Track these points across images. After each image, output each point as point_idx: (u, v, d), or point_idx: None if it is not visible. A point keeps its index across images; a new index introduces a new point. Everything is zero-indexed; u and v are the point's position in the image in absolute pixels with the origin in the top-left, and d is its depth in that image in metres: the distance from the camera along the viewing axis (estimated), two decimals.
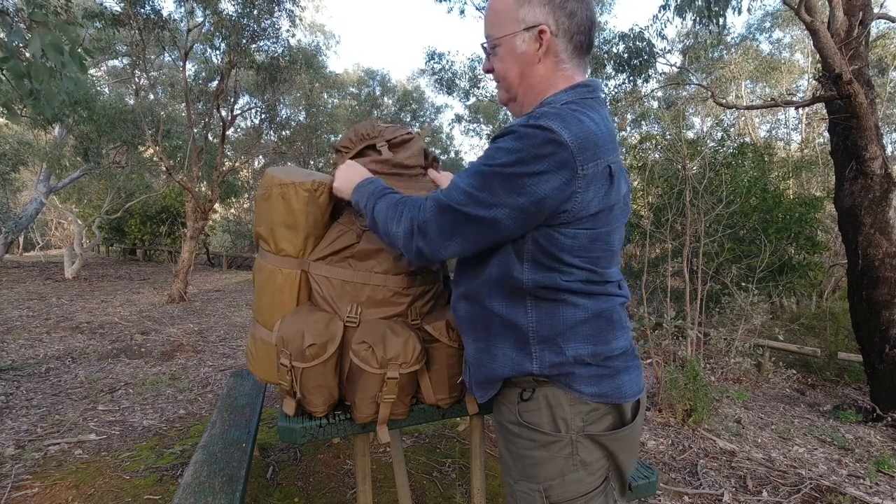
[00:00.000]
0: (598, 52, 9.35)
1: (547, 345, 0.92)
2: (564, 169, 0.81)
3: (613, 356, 0.93)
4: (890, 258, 3.97)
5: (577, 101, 0.90)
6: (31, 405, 3.30)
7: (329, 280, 1.22)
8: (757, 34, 14.77)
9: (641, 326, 4.04)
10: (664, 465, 2.77)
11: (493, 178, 0.84)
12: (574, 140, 0.81)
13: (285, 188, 1.18)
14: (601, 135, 0.84)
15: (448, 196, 0.89)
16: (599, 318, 0.92)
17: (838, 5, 4.13)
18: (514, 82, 0.97)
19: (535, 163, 0.81)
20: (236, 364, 4.50)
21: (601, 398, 0.91)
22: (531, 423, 0.94)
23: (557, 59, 0.94)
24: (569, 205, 0.84)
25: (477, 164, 0.88)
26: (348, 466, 2.47)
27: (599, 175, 0.85)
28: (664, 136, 7.98)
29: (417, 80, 19.65)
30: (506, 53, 0.96)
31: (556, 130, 0.81)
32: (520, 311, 0.93)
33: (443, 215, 0.89)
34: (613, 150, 0.87)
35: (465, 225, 0.88)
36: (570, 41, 0.93)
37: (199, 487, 1.47)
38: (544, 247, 0.88)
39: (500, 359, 0.96)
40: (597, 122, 0.86)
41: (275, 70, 8.65)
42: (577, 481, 0.92)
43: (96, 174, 11.16)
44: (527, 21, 0.92)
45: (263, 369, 1.27)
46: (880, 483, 2.71)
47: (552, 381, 0.93)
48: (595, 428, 0.92)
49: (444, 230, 0.90)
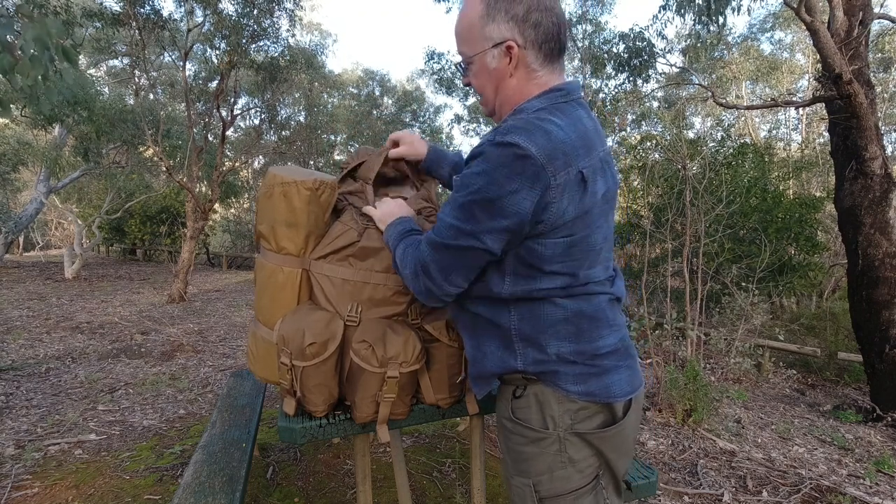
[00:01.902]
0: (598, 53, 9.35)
1: (529, 343, 0.94)
2: (537, 182, 0.82)
3: (600, 355, 0.93)
4: (890, 258, 3.97)
5: (547, 108, 0.91)
6: (31, 405, 3.30)
7: (330, 279, 1.22)
8: (759, 35, 14.78)
9: (641, 326, 4.04)
10: (664, 465, 2.77)
11: (474, 207, 0.86)
12: (541, 151, 0.81)
13: (287, 187, 1.19)
14: (569, 141, 0.85)
15: (438, 234, 0.93)
16: (581, 317, 0.93)
17: (838, 5, 4.13)
18: (491, 97, 0.99)
19: (508, 182, 0.83)
20: (236, 364, 4.50)
21: (588, 397, 0.92)
22: (522, 420, 0.96)
23: (529, 69, 0.94)
24: (545, 215, 0.85)
25: (457, 196, 0.90)
26: (348, 466, 2.47)
27: (572, 182, 0.85)
28: (664, 136, 7.99)
29: (417, 80, 19.65)
30: (479, 70, 0.97)
31: (522, 145, 0.81)
32: (502, 312, 0.96)
33: (437, 253, 0.93)
34: (585, 154, 0.87)
35: (459, 257, 0.91)
36: (539, 50, 0.93)
37: (199, 487, 1.47)
38: (525, 259, 0.90)
39: (490, 356, 0.99)
40: (564, 128, 0.86)
41: (275, 70, 8.65)
42: (565, 478, 0.93)
43: (96, 174, 11.16)
44: (493, 38, 0.92)
45: (264, 368, 1.27)
46: (880, 483, 2.71)
47: (541, 379, 0.94)
48: (584, 426, 0.93)
49: (442, 267, 0.93)
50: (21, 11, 2.21)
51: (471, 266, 0.92)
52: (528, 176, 0.82)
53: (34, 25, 2.18)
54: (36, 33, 2.18)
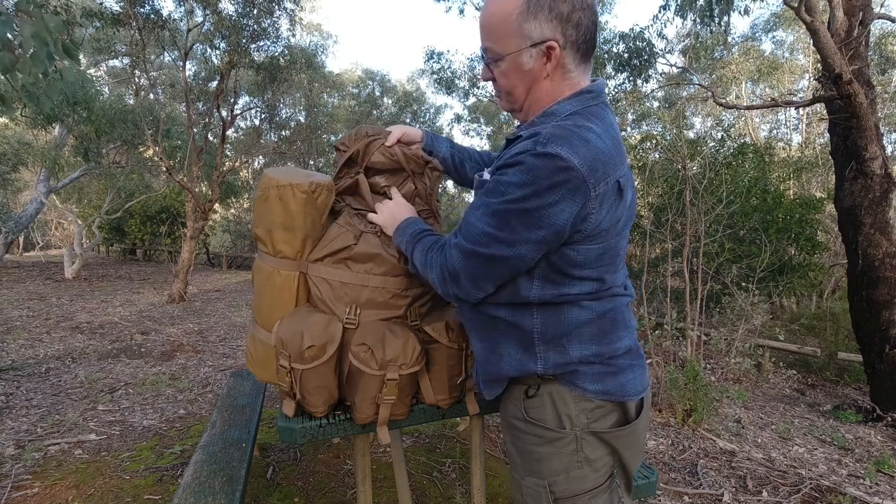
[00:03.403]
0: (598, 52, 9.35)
1: (552, 346, 0.93)
2: (578, 194, 0.80)
3: (617, 355, 0.94)
4: (890, 258, 3.97)
5: (581, 112, 0.88)
6: (31, 405, 3.30)
7: (328, 281, 1.21)
8: (762, 35, 14.77)
9: (641, 327, 4.04)
10: (664, 465, 2.77)
11: (511, 216, 0.83)
12: (583, 163, 0.79)
13: (282, 189, 1.18)
14: (607, 150, 0.83)
15: (469, 239, 0.89)
16: (604, 319, 0.93)
17: (838, 5, 4.12)
18: (521, 97, 0.94)
19: (549, 194, 0.80)
20: (236, 364, 4.50)
21: (605, 396, 0.92)
22: (537, 420, 0.95)
23: (564, 70, 0.90)
24: (583, 225, 0.84)
25: (491, 202, 0.86)
26: (348, 466, 2.47)
27: (610, 192, 0.84)
28: (664, 137, 7.98)
29: (417, 80, 19.65)
30: (511, 69, 0.91)
31: (565, 157, 0.79)
32: (525, 315, 0.94)
33: (469, 261, 0.89)
34: (621, 162, 0.86)
35: (492, 266, 0.88)
36: (577, 51, 0.89)
37: (199, 487, 1.47)
38: (556, 265, 0.88)
39: (506, 359, 0.97)
40: (601, 136, 0.84)
41: (275, 70, 8.64)
42: (581, 478, 0.92)
43: (96, 174, 11.16)
44: (533, 37, 0.86)
45: (263, 370, 1.27)
46: (880, 483, 2.71)
47: (557, 379, 0.94)
48: (599, 425, 0.93)
49: (473, 275, 0.90)
50: (19, 8, 2.20)
51: (502, 276, 0.90)
52: (569, 188, 0.80)
53: (32, 22, 2.17)
54: (34, 29, 2.17)
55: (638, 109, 13.70)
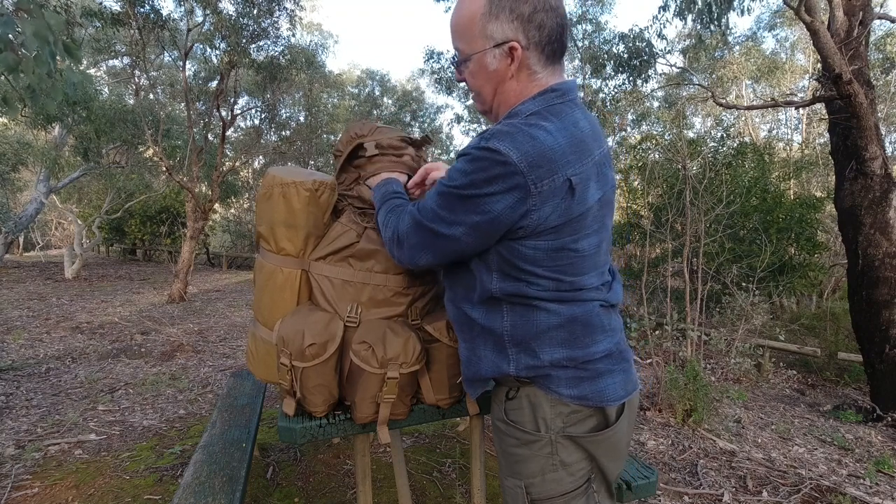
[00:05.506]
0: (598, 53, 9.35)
1: (522, 348, 0.93)
2: (515, 189, 0.82)
3: (594, 360, 0.92)
4: (890, 258, 3.97)
5: (540, 111, 0.88)
6: (31, 405, 3.30)
7: (329, 280, 1.22)
8: (764, 33, 14.77)
9: (642, 327, 4.04)
10: (664, 465, 2.77)
11: (453, 199, 0.88)
12: (523, 159, 0.80)
13: (286, 188, 1.19)
14: (557, 148, 0.83)
15: (421, 212, 0.95)
16: (574, 323, 0.92)
17: (838, 5, 4.13)
18: (489, 98, 0.97)
19: (486, 185, 0.84)
20: (236, 364, 4.50)
21: (580, 401, 0.91)
22: (515, 422, 0.96)
23: (530, 71, 0.91)
24: (524, 221, 0.85)
25: (441, 184, 0.91)
26: (348, 466, 2.47)
27: (558, 190, 0.83)
28: (664, 137, 7.99)
29: (417, 80, 19.66)
30: (477, 70, 0.94)
31: (503, 152, 0.81)
32: (496, 316, 0.95)
33: (416, 230, 0.96)
34: (576, 160, 0.85)
35: (433, 240, 0.94)
36: (541, 52, 0.90)
37: (199, 487, 1.47)
38: (507, 258, 0.90)
39: (483, 360, 0.99)
40: (554, 133, 0.83)
41: (275, 70, 8.64)
42: (556, 480, 0.93)
43: (96, 174, 11.16)
44: (496, 38, 0.89)
45: (264, 369, 1.27)
46: (880, 483, 2.71)
47: (533, 382, 0.94)
48: (576, 430, 0.92)
49: (416, 244, 0.97)
50: (20, 6, 2.20)
51: (440, 252, 0.95)
52: (506, 183, 0.82)
53: (33, 20, 2.17)
54: (35, 28, 2.17)
55: (638, 109, 13.69)
